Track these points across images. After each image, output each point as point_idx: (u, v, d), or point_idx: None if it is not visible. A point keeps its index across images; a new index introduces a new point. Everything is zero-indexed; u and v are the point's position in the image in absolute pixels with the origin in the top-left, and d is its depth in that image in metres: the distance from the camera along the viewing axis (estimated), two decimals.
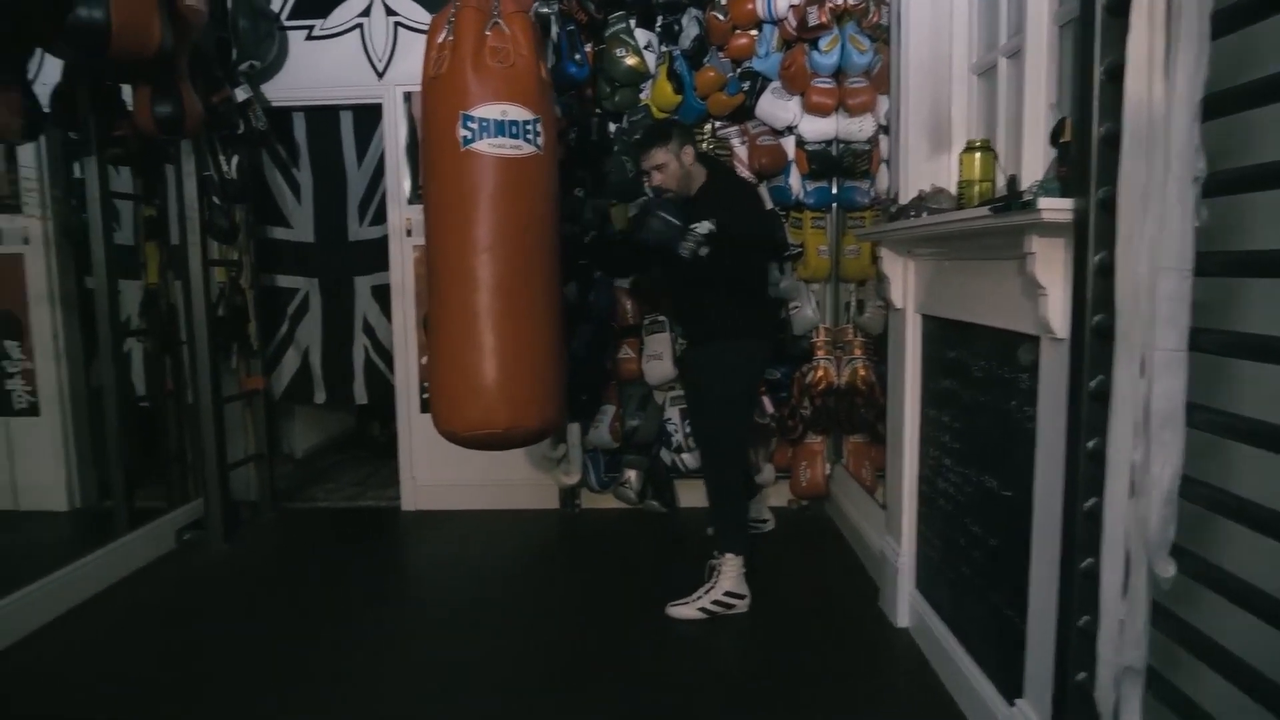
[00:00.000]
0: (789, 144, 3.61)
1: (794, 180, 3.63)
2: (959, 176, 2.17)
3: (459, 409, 2.39)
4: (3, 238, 3.72)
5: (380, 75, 3.78)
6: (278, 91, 3.80)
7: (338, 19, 3.77)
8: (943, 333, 2.41)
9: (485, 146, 2.31)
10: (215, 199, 3.49)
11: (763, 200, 3.46)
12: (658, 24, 3.60)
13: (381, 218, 4.05)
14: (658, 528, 3.71)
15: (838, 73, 3.45)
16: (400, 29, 3.75)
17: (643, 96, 3.61)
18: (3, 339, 3.73)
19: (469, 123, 2.30)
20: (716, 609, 2.76)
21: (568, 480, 3.79)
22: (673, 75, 3.50)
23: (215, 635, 2.75)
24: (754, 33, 3.51)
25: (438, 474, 3.95)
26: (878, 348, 3.59)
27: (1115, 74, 1.34)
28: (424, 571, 3.46)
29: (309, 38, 3.78)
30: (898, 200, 2.59)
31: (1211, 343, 1.27)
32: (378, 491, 4.29)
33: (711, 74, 3.48)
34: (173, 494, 3.72)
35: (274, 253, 4.18)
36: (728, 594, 2.78)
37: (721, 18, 3.47)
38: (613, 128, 3.64)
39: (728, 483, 2.88)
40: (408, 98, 3.75)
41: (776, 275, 3.57)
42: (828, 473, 3.80)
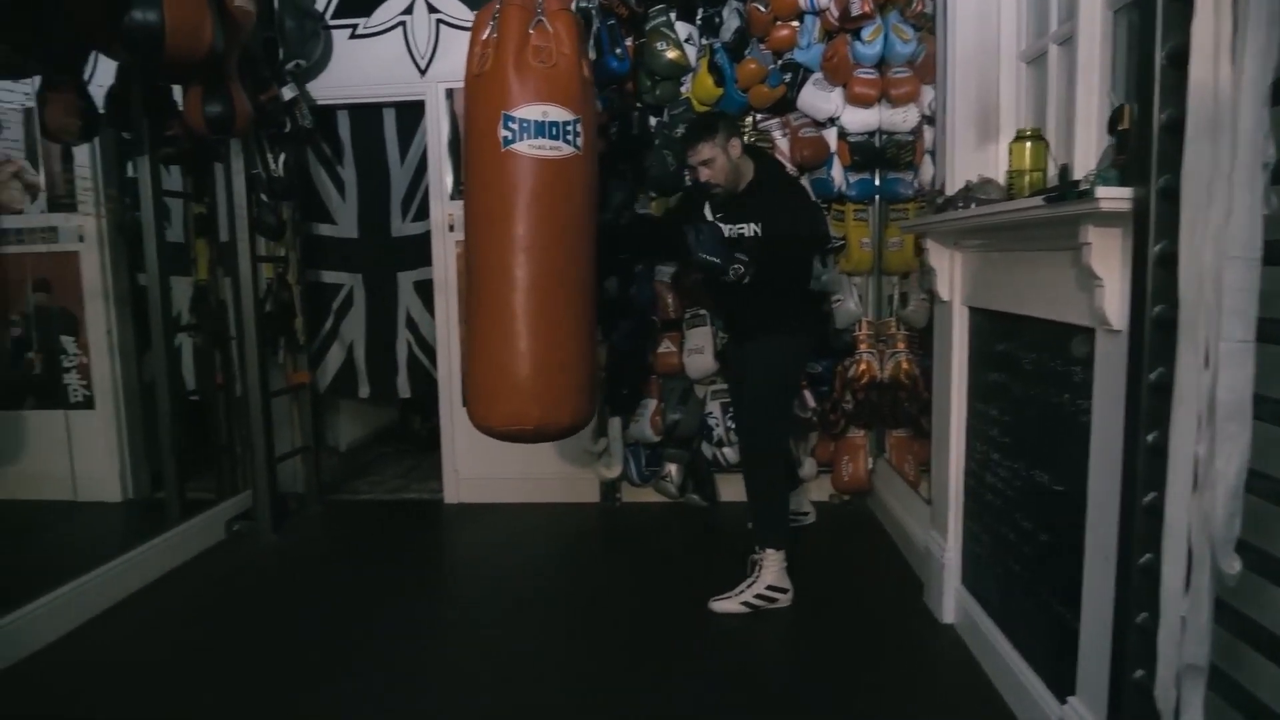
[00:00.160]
0: (831, 135, 3.59)
1: (836, 172, 3.60)
2: (1009, 166, 2.13)
3: (493, 405, 2.42)
4: (60, 236, 3.84)
5: (423, 72, 3.81)
6: (322, 90, 3.85)
7: (381, 17, 3.81)
8: (991, 325, 2.38)
9: (525, 147, 2.31)
10: (263, 196, 3.55)
11: (809, 195, 3.41)
12: (698, 17, 3.59)
13: (424, 214, 4.08)
14: (698, 522, 3.71)
15: (880, 63, 3.42)
16: (442, 26, 3.77)
17: (684, 90, 3.59)
18: (60, 334, 3.84)
19: (510, 123, 2.31)
20: (759, 603, 2.76)
21: (609, 474, 3.80)
22: (714, 68, 3.48)
23: (266, 625, 2.80)
24: (795, 24, 3.49)
25: (480, 467, 3.98)
26: (921, 341, 3.56)
27: (1177, 59, 1.30)
28: (468, 564, 3.50)
29: (353, 36, 3.83)
30: (944, 191, 2.56)
31: None
32: (420, 484, 4.34)
33: (753, 66, 3.46)
34: (222, 486, 3.81)
35: (319, 249, 4.24)
36: (770, 588, 2.77)
37: (763, 9, 3.45)
38: (653, 122, 3.63)
39: (768, 477, 2.87)
40: (450, 94, 3.78)
41: (819, 269, 3.53)
42: (870, 467, 3.77)
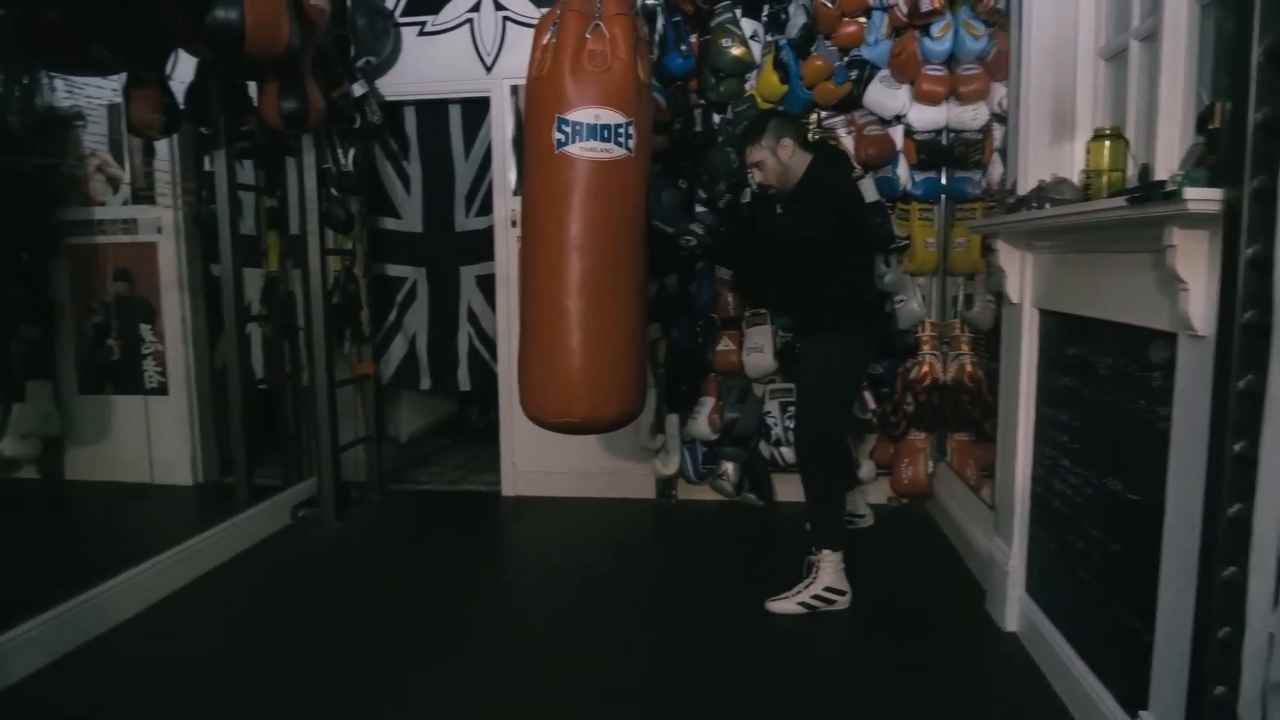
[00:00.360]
0: (897, 133, 3.53)
1: (902, 171, 3.55)
2: (1086, 165, 2.08)
3: (542, 397, 2.49)
4: (139, 227, 3.97)
5: (488, 69, 3.86)
6: (390, 86, 3.92)
7: (448, 14, 3.87)
8: (1063, 329, 2.32)
9: (577, 150, 2.37)
10: (333, 191, 3.64)
11: (847, 193, 2.93)
12: (764, 13, 3.56)
13: (486, 209, 4.14)
14: (754, 521, 3.69)
15: (949, 59, 3.36)
16: (508, 23, 3.82)
17: (748, 87, 3.57)
18: (139, 322, 3.98)
19: (563, 126, 2.37)
20: (817, 604, 2.74)
21: (665, 471, 3.81)
22: (779, 65, 3.46)
23: (330, 611, 2.87)
24: (863, 20, 3.44)
25: (538, 461, 4.02)
26: (986, 343, 3.49)
27: (1275, 55, 1.26)
28: (525, 557, 3.54)
29: (421, 33, 3.89)
30: (1015, 191, 2.50)
31: None
32: (478, 476, 4.40)
33: (819, 63, 3.43)
34: (288, 473, 3.90)
35: (384, 243, 4.32)
36: (828, 589, 2.75)
37: (830, 5, 3.41)
38: (717, 119, 3.61)
39: (826, 477, 2.84)
40: (515, 91, 3.82)
41: (882, 269, 3.51)
42: (930, 471, 3.71)
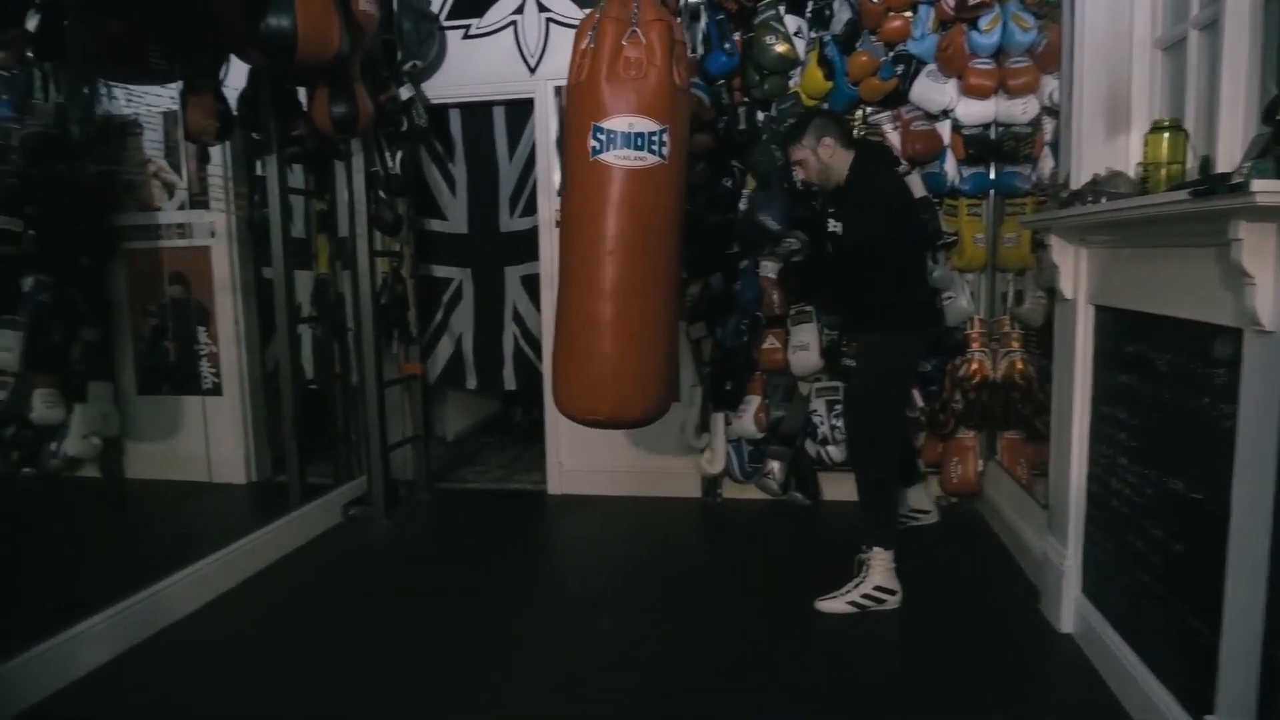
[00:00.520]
0: (944, 128, 3.49)
1: (949, 166, 3.51)
2: (1144, 158, 2.05)
3: (573, 395, 2.52)
4: (193, 232, 4.07)
5: (532, 71, 3.89)
6: (436, 89, 3.97)
7: (492, 17, 3.90)
8: (1119, 325, 2.27)
9: (612, 157, 2.38)
10: (381, 193, 3.69)
11: (897, 191, 2.94)
12: (808, 9, 3.53)
13: (531, 209, 4.17)
14: (800, 520, 3.68)
15: (998, 52, 3.31)
16: (551, 24, 3.84)
17: (792, 84, 3.54)
18: (195, 325, 4.07)
19: (598, 134, 2.38)
20: (867, 603, 2.72)
21: (711, 469, 3.81)
22: (823, 61, 3.42)
23: (382, 607, 2.91)
24: (909, 15, 3.39)
25: (583, 460, 4.04)
26: (1038, 340, 3.43)
27: None
28: (571, 555, 3.57)
29: (465, 36, 3.93)
30: (1068, 185, 2.46)
31: None
32: (524, 475, 4.44)
33: (864, 58, 3.39)
34: (339, 472, 3.97)
35: (430, 244, 4.37)
36: (878, 588, 2.73)
37: (875, 0, 3.38)
38: (761, 116, 3.59)
39: (877, 475, 2.82)
40: (558, 92, 3.83)
41: (930, 265, 3.46)
42: (980, 469, 3.66)
